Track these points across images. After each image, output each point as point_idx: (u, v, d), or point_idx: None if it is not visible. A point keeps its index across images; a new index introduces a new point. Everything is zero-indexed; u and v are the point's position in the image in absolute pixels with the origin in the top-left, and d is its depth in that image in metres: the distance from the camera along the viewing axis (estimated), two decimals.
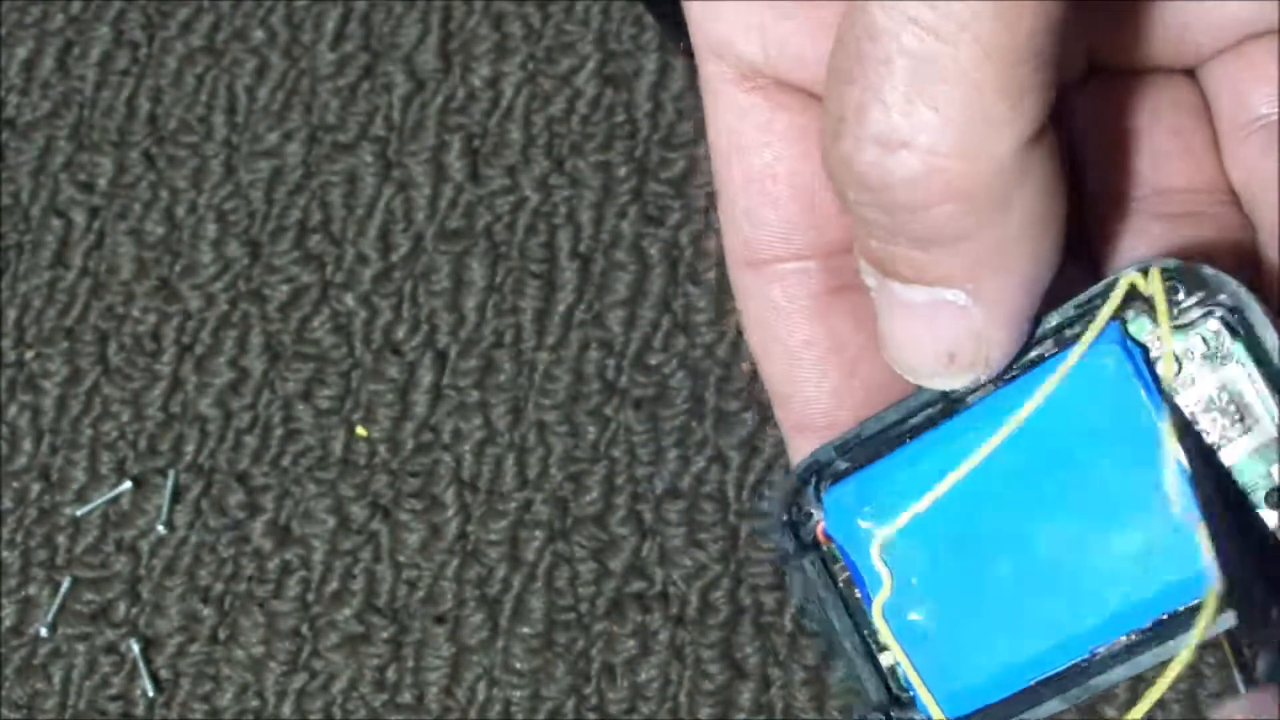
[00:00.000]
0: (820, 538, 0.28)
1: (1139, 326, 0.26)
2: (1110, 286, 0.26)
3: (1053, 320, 0.26)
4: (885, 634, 0.27)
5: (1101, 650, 0.26)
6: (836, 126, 0.24)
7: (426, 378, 0.43)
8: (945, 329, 0.26)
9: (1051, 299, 0.26)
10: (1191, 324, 0.26)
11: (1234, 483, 0.26)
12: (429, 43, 0.46)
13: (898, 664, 0.27)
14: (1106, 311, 0.26)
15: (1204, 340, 0.26)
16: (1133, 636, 0.26)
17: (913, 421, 0.27)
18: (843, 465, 0.28)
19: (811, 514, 0.28)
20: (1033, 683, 0.26)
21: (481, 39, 0.46)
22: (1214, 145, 0.29)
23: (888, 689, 0.28)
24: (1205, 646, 0.25)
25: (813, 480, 0.28)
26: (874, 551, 0.27)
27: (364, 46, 0.46)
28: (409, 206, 0.45)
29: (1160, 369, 0.26)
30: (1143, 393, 0.26)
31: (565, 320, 0.44)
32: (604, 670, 0.41)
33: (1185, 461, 0.25)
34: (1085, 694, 0.26)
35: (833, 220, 0.29)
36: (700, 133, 0.43)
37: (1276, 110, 0.28)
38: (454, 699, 0.41)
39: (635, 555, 0.41)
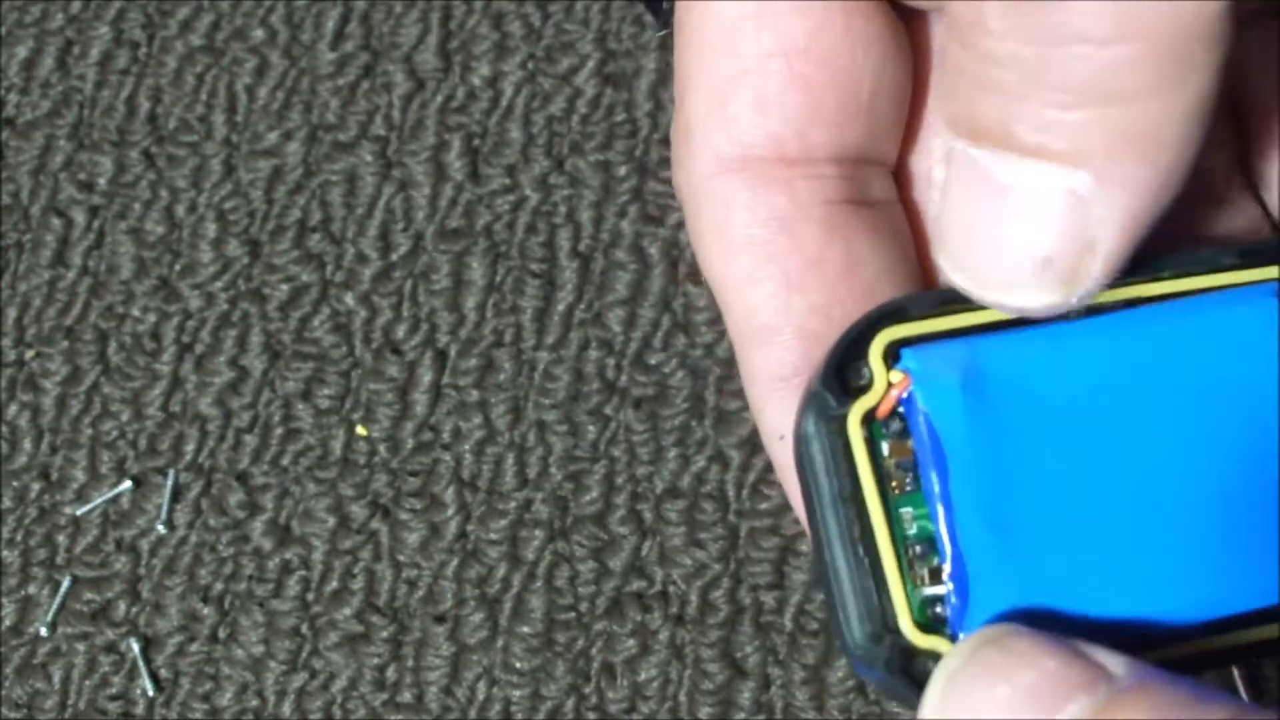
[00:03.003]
0: (886, 404, 0.22)
1: None
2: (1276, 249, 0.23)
3: (1204, 258, 0.23)
4: (926, 543, 0.22)
5: (1173, 632, 0.23)
6: None
7: (426, 377, 0.43)
8: (1048, 224, 0.21)
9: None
10: None
11: None
12: (429, 42, 0.46)
13: (939, 591, 0.22)
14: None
15: None
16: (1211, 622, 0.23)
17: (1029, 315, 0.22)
18: (930, 327, 0.22)
19: (866, 372, 0.22)
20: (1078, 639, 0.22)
21: (481, 39, 0.46)
22: None
23: (909, 604, 0.22)
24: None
25: (881, 332, 0.22)
26: (964, 436, 0.22)
27: (364, 46, 0.46)
28: (409, 206, 0.45)
29: None
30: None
31: (565, 320, 0.44)
32: (604, 670, 0.41)
33: None
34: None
35: (860, 122, 0.24)
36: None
37: None
38: (454, 698, 0.41)
39: (635, 555, 0.41)
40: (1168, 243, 0.23)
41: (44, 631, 0.42)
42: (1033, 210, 0.21)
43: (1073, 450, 0.23)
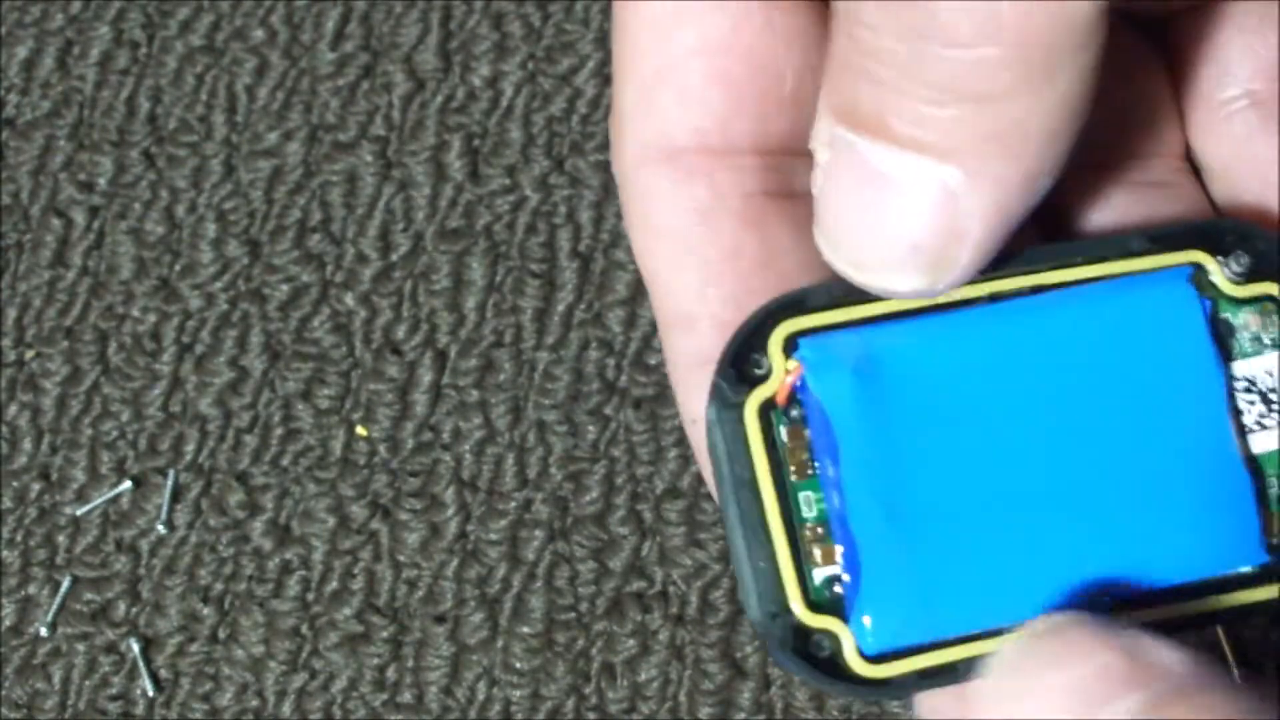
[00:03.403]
0: (782, 393, 0.23)
1: (1200, 282, 0.24)
2: (1191, 233, 0.24)
3: (1113, 244, 0.23)
4: (825, 526, 0.23)
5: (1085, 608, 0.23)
6: None
7: (426, 377, 0.43)
8: (919, 213, 0.21)
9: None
10: (1253, 300, 0.24)
11: (1256, 473, 0.24)
12: (429, 42, 0.46)
13: (837, 571, 0.23)
14: (1181, 258, 0.23)
15: (1260, 318, 0.24)
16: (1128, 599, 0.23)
17: (933, 300, 0.23)
18: (828, 319, 0.23)
19: (764, 363, 0.23)
20: (986, 631, 0.23)
21: (481, 39, 0.46)
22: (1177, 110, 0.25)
23: (805, 591, 0.23)
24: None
25: (780, 324, 0.23)
26: (855, 423, 0.23)
27: (364, 46, 0.46)
28: (409, 206, 0.45)
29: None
30: (1210, 342, 0.24)
31: (565, 320, 0.44)
32: (604, 670, 0.41)
33: (1237, 428, 0.24)
34: None
35: (783, 113, 0.24)
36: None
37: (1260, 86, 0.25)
38: (454, 698, 0.41)
39: (635, 555, 0.41)
40: (1110, 228, 0.24)
41: (44, 631, 0.42)
42: (905, 199, 0.21)
43: (970, 435, 0.23)
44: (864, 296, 0.23)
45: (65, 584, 0.42)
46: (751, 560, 0.23)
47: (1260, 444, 0.24)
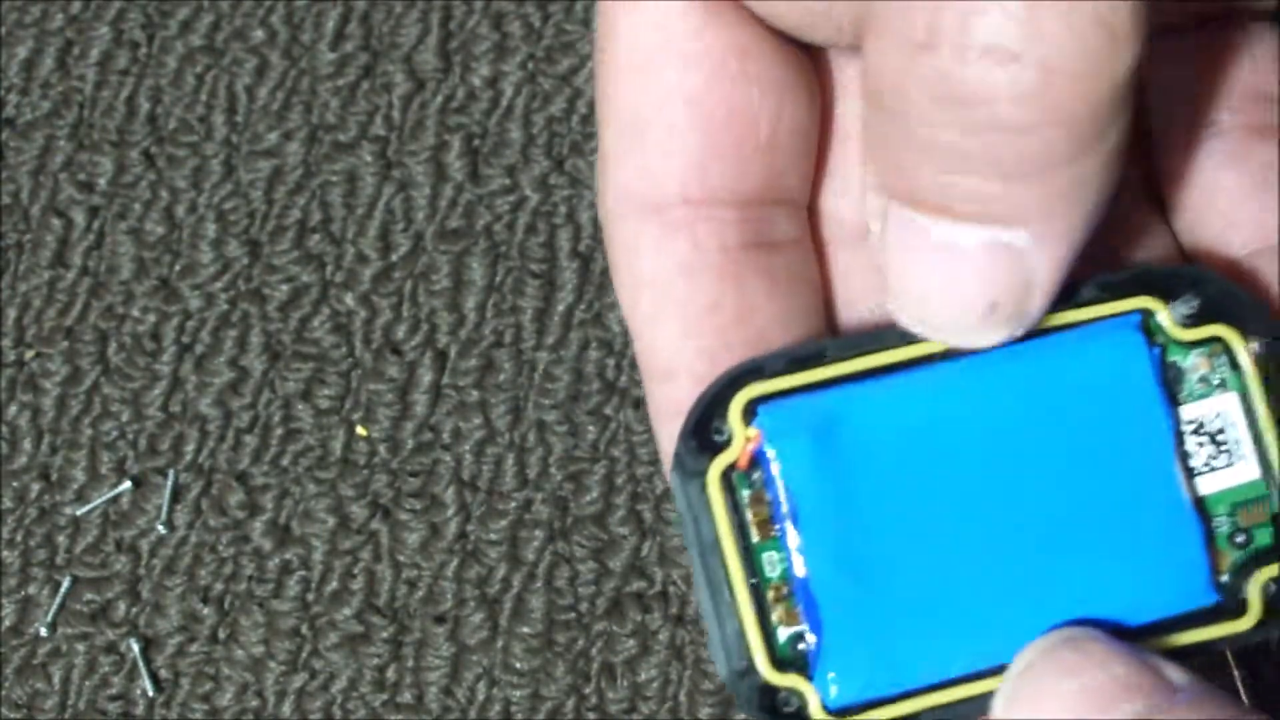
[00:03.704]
0: (743, 459, 0.24)
1: (1149, 327, 0.25)
2: (1140, 279, 0.24)
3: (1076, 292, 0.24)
4: (789, 585, 0.24)
5: None
6: (927, 34, 0.21)
7: (426, 377, 0.43)
8: (994, 275, 0.22)
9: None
10: (1201, 342, 0.25)
11: (1204, 514, 0.25)
12: (429, 43, 0.46)
13: (801, 630, 0.24)
14: (1129, 304, 0.24)
15: (1209, 360, 0.25)
16: None
17: (888, 358, 0.24)
18: (787, 384, 0.24)
19: (725, 429, 0.24)
20: (947, 682, 0.24)
21: (481, 39, 0.46)
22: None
23: (771, 648, 0.24)
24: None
25: (740, 391, 0.24)
26: (812, 487, 0.24)
27: (364, 46, 0.46)
28: (409, 206, 0.45)
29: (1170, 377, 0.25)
30: (1158, 388, 0.25)
31: (565, 320, 0.44)
32: (604, 670, 0.41)
33: (1184, 471, 0.25)
34: None
35: (760, 161, 0.25)
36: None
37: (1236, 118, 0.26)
38: (454, 699, 0.41)
39: (635, 555, 0.41)
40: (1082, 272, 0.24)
41: (44, 632, 0.42)
42: (974, 265, 0.22)
43: (927, 490, 0.24)
44: (819, 360, 0.24)
45: (65, 584, 0.42)
46: (719, 620, 0.24)
47: (1210, 485, 0.25)
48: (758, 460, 0.24)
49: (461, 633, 0.41)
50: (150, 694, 0.41)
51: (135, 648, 0.42)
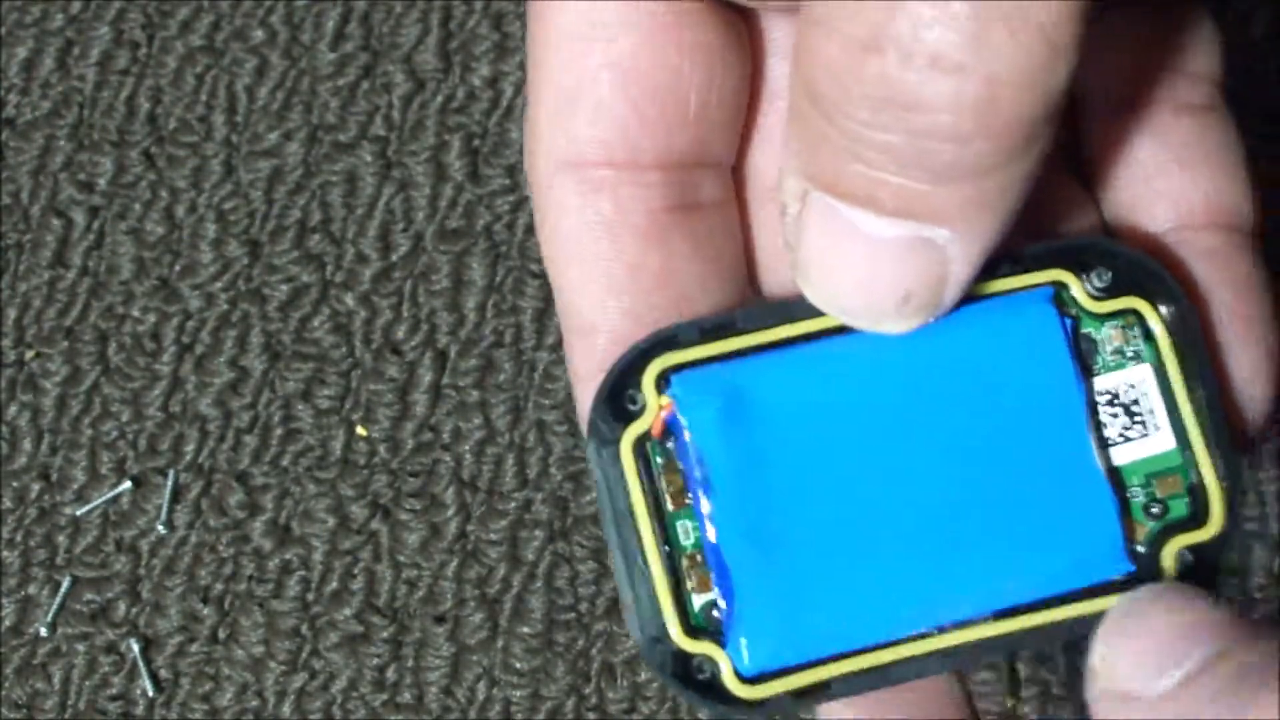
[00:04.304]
0: (656, 427, 0.24)
1: (1063, 300, 0.25)
2: (1056, 252, 0.25)
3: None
4: (702, 554, 0.24)
5: (949, 625, 0.24)
6: (873, 36, 0.21)
7: (426, 377, 0.43)
8: (911, 267, 0.23)
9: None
10: (1115, 314, 0.25)
11: (1119, 484, 0.25)
12: (429, 43, 0.46)
13: (714, 598, 0.24)
14: (1044, 277, 0.25)
15: (1123, 332, 0.25)
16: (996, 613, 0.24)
17: (800, 329, 0.24)
18: (700, 353, 0.24)
19: (639, 399, 0.24)
20: (858, 649, 0.24)
21: (481, 39, 0.46)
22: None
23: (684, 616, 0.24)
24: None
25: (654, 361, 0.24)
26: (725, 456, 0.24)
27: (364, 46, 0.46)
28: (409, 206, 0.45)
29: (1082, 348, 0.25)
30: (1070, 360, 0.25)
31: None
32: (604, 670, 0.41)
33: (1096, 441, 0.25)
34: (918, 673, 0.24)
35: (688, 130, 0.25)
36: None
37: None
38: (454, 699, 0.41)
39: None
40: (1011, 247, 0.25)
41: (44, 631, 0.42)
42: (893, 256, 0.23)
43: (838, 459, 0.24)
44: (732, 331, 0.24)
45: (65, 584, 0.42)
46: (633, 588, 0.24)
47: (1125, 455, 0.25)
48: (671, 429, 0.24)
49: (461, 633, 0.41)
50: (150, 694, 0.41)
51: (135, 648, 0.42)
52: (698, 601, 0.24)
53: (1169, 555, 0.25)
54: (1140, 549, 0.25)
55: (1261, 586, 0.41)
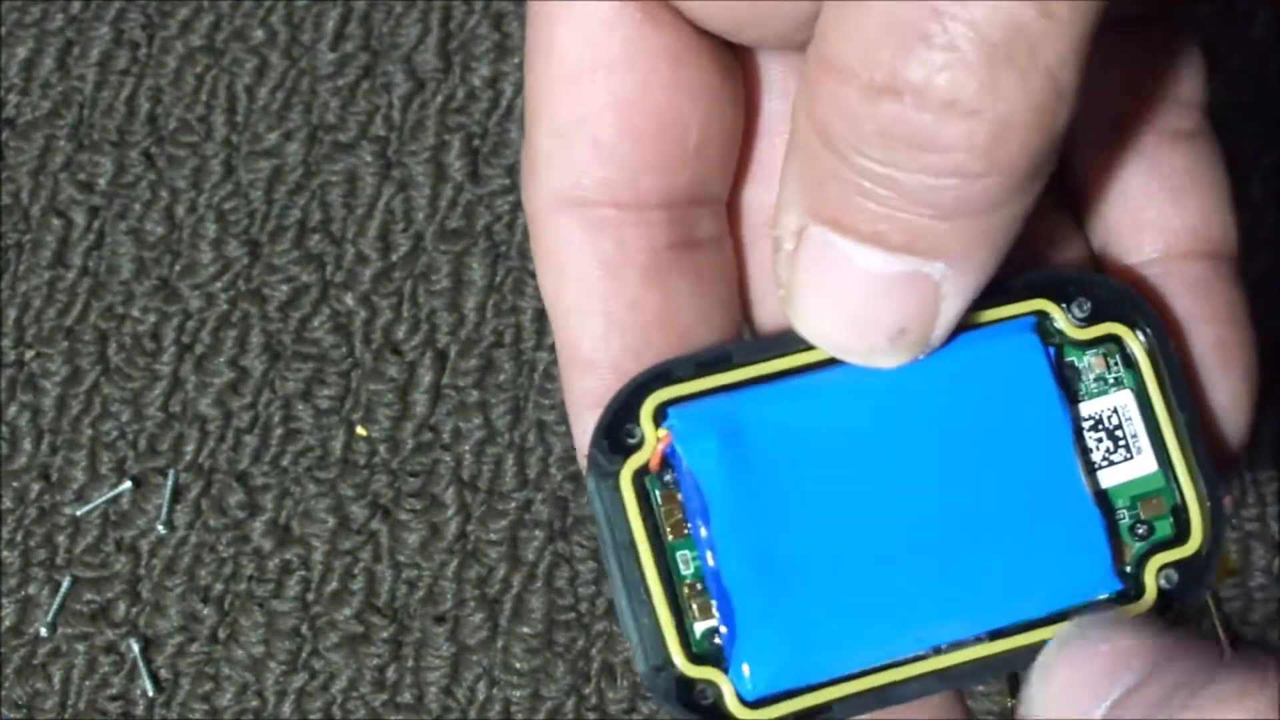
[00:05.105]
0: (655, 460, 0.25)
1: (1046, 329, 0.26)
2: (1038, 284, 0.25)
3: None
4: (703, 582, 0.24)
5: (946, 646, 0.25)
6: (889, 79, 0.21)
7: (426, 377, 0.43)
8: (908, 302, 0.23)
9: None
10: (1096, 341, 0.26)
11: (1106, 506, 0.26)
12: (429, 43, 0.46)
13: (715, 624, 0.24)
14: (1026, 307, 0.25)
15: (1104, 359, 0.26)
16: (988, 635, 0.25)
17: (793, 362, 0.25)
18: (696, 387, 0.25)
19: (637, 432, 0.25)
20: (858, 671, 0.25)
21: (481, 39, 0.46)
22: None
23: (686, 643, 0.24)
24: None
25: (650, 395, 0.25)
26: (723, 486, 0.24)
27: (364, 46, 0.46)
28: (409, 206, 0.45)
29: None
30: (1055, 387, 0.25)
31: None
32: (604, 670, 0.41)
33: (1083, 465, 0.25)
34: (916, 694, 0.25)
35: (688, 168, 0.25)
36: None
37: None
38: (454, 699, 0.41)
39: None
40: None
41: (44, 631, 0.42)
42: (890, 291, 0.23)
43: (833, 487, 0.25)
44: (726, 364, 0.25)
45: (65, 584, 0.42)
46: (635, 618, 0.24)
47: (1111, 478, 0.26)
48: (670, 461, 0.25)
49: (461, 633, 0.41)
50: (150, 694, 0.41)
51: (135, 648, 0.42)
52: (699, 629, 0.25)
53: (1150, 573, 0.25)
54: (1129, 569, 0.26)
55: (1262, 586, 0.41)
